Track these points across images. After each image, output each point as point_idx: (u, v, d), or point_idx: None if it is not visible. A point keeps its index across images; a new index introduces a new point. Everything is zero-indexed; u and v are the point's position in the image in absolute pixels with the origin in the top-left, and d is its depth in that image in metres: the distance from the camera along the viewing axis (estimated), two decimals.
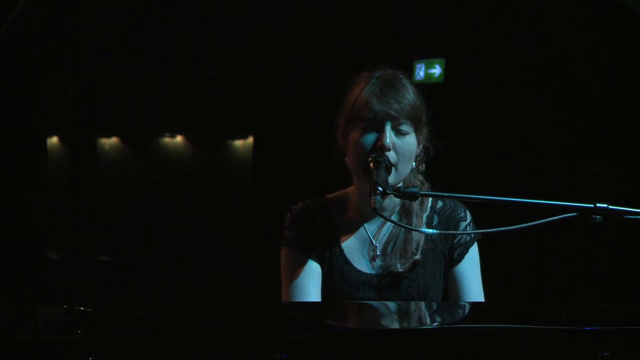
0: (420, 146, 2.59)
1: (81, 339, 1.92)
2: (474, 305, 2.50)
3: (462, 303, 2.57)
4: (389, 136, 2.48)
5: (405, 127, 2.51)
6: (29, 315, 2.13)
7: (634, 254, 4.98)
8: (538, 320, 2.09)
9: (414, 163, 2.57)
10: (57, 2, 5.63)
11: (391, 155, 2.47)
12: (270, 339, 1.93)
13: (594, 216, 2.18)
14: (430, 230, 2.49)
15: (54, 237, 6.24)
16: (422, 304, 2.45)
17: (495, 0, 5.51)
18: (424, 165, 2.65)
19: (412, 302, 2.50)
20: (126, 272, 6.18)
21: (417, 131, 2.53)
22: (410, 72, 5.68)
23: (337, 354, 1.92)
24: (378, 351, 1.91)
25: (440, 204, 2.64)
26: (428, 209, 2.63)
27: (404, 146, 2.50)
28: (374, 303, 2.47)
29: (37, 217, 6.09)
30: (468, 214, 2.65)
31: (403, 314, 2.26)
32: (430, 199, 2.63)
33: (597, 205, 2.18)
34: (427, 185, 2.63)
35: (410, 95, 2.53)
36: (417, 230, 2.54)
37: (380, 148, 2.47)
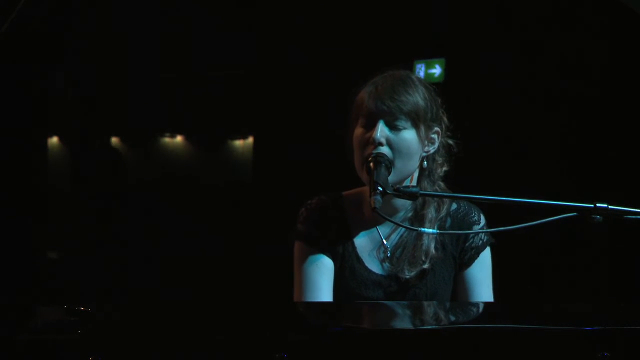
0: (432, 146, 2.58)
1: (81, 339, 1.92)
2: (474, 305, 2.50)
3: (462, 304, 2.56)
4: (380, 130, 2.48)
5: (400, 123, 2.50)
6: (29, 315, 2.13)
7: (634, 254, 4.98)
8: (538, 320, 2.09)
9: (425, 163, 2.56)
10: (57, 2, 5.63)
11: (386, 150, 2.47)
12: (270, 339, 1.93)
13: (594, 216, 2.18)
14: (430, 230, 2.49)
15: (54, 237, 6.24)
16: (423, 304, 2.45)
17: (495, 0, 5.51)
18: (443, 170, 2.63)
19: (414, 302, 2.50)
20: (126, 272, 6.17)
21: (416, 128, 2.52)
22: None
23: (337, 354, 1.92)
24: (379, 351, 1.91)
25: (454, 206, 2.63)
26: (444, 211, 2.61)
27: (399, 141, 2.49)
28: (375, 303, 2.47)
29: (37, 217, 6.08)
30: (482, 217, 2.63)
31: (404, 314, 2.25)
32: (446, 205, 2.62)
33: (597, 205, 2.18)
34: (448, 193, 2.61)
35: (409, 92, 2.52)
36: (415, 230, 2.54)
37: (372, 142, 2.47)
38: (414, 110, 2.51)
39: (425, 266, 2.55)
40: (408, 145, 2.50)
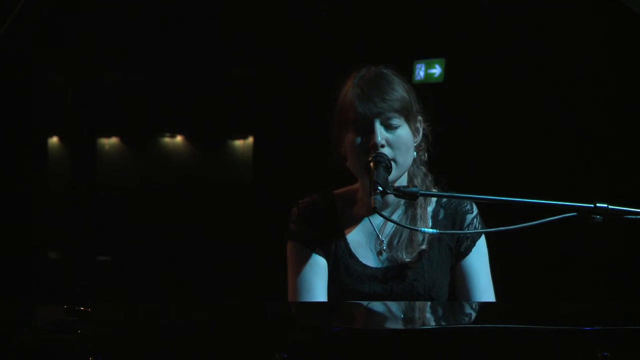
0: (419, 135, 2.60)
1: (81, 339, 1.92)
2: (474, 305, 2.50)
3: (462, 303, 2.57)
4: (380, 133, 2.49)
5: (395, 121, 2.52)
6: (29, 315, 2.13)
7: (634, 254, 4.98)
8: (538, 320, 2.09)
9: (414, 153, 2.58)
10: (58, 2, 5.63)
11: (387, 151, 2.49)
12: (270, 339, 1.93)
13: (594, 216, 2.18)
14: (431, 230, 2.49)
15: (54, 237, 6.24)
16: (423, 304, 2.45)
17: (495, 0, 5.51)
18: (426, 155, 2.65)
19: (414, 303, 2.50)
20: (126, 272, 6.18)
21: (408, 122, 2.54)
22: (410, 72, 5.68)
23: (337, 354, 1.92)
24: (379, 351, 1.91)
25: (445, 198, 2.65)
26: (434, 202, 2.63)
27: (397, 139, 2.51)
28: (376, 303, 2.47)
29: (37, 217, 6.08)
30: (474, 206, 2.65)
31: (404, 314, 2.26)
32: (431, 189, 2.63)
33: (597, 205, 2.18)
34: (430, 177, 2.64)
35: (394, 88, 2.54)
36: (417, 230, 2.54)
37: (373, 147, 2.48)
38: (404, 106, 2.53)
39: (423, 247, 2.56)
40: (405, 141, 2.52)
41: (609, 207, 2.17)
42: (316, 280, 2.58)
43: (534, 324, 2.03)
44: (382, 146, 2.48)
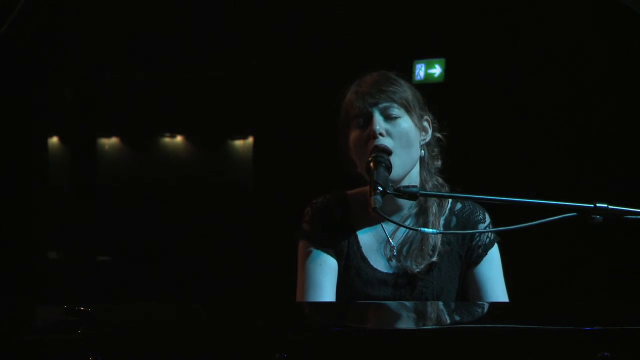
0: (427, 135, 2.58)
1: (81, 339, 1.92)
2: (474, 305, 2.50)
3: (462, 304, 2.56)
4: (378, 123, 2.48)
5: (394, 111, 2.51)
6: (29, 315, 2.13)
7: (634, 254, 4.98)
8: (538, 320, 2.09)
9: (422, 152, 2.57)
10: (57, 2, 5.64)
11: (387, 141, 2.47)
12: (270, 339, 1.93)
13: (594, 216, 2.17)
14: (430, 230, 2.49)
15: (54, 237, 6.24)
16: (424, 304, 2.45)
17: (494, 0, 5.51)
18: (439, 161, 2.64)
19: (414, 302, 2.50)
20: (126, 272, 6.18)
21: (410, 114, 2.53)
22: (410, 72, 5.68)
23: (337, 354, 1.92)
24: (379, 351, 1.91)
25: (459, 205, 2.63)
26: (447, 210, 2.62)
27: (397, 130, 2.49)
28: (376, 303, 2.47)
29: (37, 217, 6.09)
30: (487, 216, 2.63)
31: (405, 314, 2.25)
32: (450, 200, 2.62)
33: (597, 205, 2.17)
34: (446, 188, 2.62)
35: (393, 83, 2.54)
36: (416, 230, 2.54)
37: (372, 136, 2.47)
38: (404, 98, 2.52)
39: (434, 259, 2.55)
40: (407, 133, 2.50)
41: (609, 207, 2.17)
42: (325, 281, 2.57)
43: (534, 324, 2.03)
44: (381, 135, 2.47)
